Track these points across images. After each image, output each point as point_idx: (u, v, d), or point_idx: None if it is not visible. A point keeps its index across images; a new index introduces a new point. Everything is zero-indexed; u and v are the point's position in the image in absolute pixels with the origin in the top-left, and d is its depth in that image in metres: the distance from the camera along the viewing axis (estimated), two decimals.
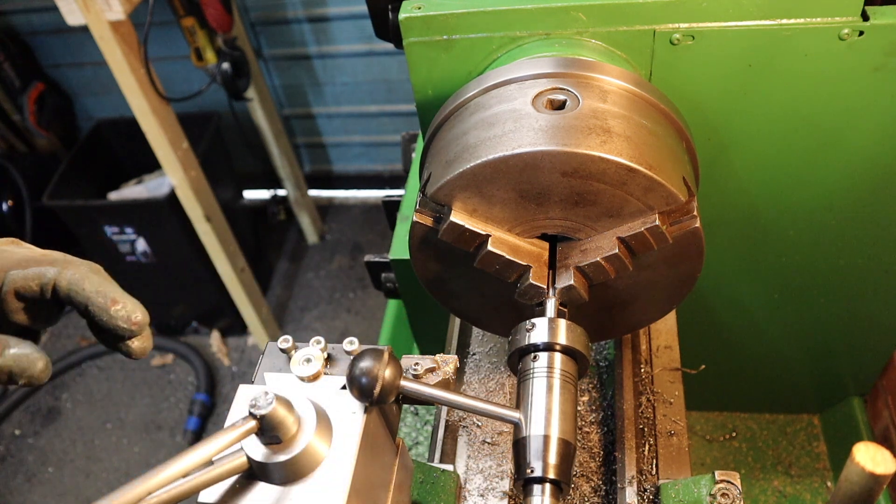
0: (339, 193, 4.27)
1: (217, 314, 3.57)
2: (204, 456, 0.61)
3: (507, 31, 1.01)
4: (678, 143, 0.93)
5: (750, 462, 1.74)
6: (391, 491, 0.79)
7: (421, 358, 0.83)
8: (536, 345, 0.82)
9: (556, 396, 0.79)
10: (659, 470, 0.99)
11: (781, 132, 1.09)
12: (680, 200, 0.82)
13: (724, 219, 1.26)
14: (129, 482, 0.57)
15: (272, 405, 0.62)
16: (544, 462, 0.75)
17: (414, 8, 1.01)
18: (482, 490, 0.99)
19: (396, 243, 1.43)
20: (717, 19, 0.97)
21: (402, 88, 3.64)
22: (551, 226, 0.88)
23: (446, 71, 1.06)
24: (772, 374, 1.67)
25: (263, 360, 0.80)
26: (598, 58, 0.97)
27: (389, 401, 0.70)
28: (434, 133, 0.98)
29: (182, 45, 3.01)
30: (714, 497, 0.85)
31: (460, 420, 1.08)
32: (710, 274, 1.39)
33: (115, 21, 2.28)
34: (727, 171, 1.17)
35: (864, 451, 0.65)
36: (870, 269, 1.32)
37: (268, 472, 0.65)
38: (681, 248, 0.87)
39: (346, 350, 0.77)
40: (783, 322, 1.49)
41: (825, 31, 0.96)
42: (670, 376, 1.11)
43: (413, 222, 0.90)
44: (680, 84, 1.03)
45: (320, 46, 3.54)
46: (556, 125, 0.82)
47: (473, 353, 1.20)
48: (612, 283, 0.91)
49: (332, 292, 3.78)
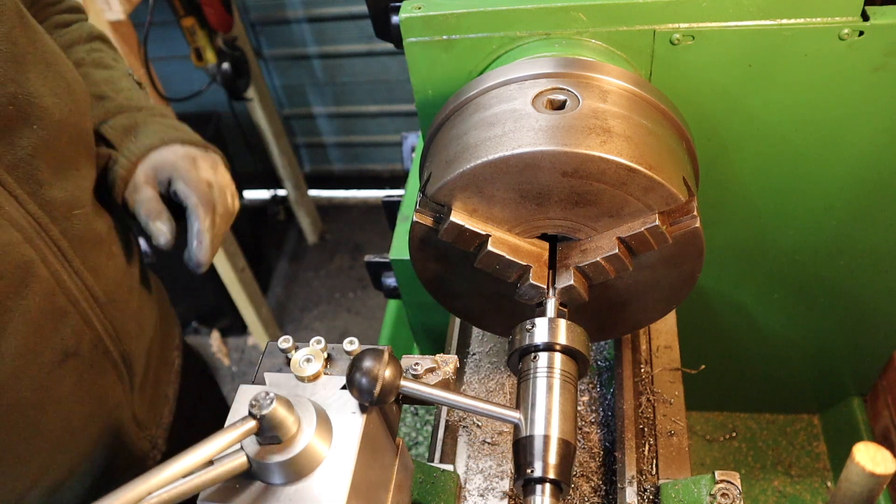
0: (339, 193, 4.27)
1: (217, 314, 3.57)
2: (204, 456, 0.61)
3: (507, 31, 1.01)
4: (678, 143, 0.93)
5: (750, 462, 1.74)
6: (391, 491, 0.79)
7: (421, 358, 0.83)
8: (536, 345, 0.82)
9: (556, 396, 0.79)
10: (659, 470, 0.99)
11: (781, 132, 1.09)
12: (680, 200, 0.82)
13: (724, 219, 1.26)
14: (129, 482, 0.57)
15: (272, 405, 0.62)
16: (544, 462, 0.75)
17: (414, 8, 1.01)
18: (482, 490, 0.99)
19: (396, 243, 1.43)
20: (717, 19, 0.97)
21: (402, 88, 3.64)
22: (551, 226, 0.88)
23: (446, 71, 1.06)
24: (772, 374, 1.67)
25: (263, 360, 0.80)
26: (598, 58, 0.97)
27: (389, 401, 0.70)
28: (434, 133, 0.98)
29: (182, 45, 3.01)
30: (714, 497, 0.85)
31: (460, 420, 1.08)
32: (710, 274, 1.39)
33: (114, 21, 2.28)
34: (727, 171, 1.17)
35: (864, 451, 0.65)
36: (870, 270, 1.32)
37: (268, 472, 0.65)
38: (681, 248, 0.87)
39: (346, 350, 0.77)
40: (783, 322, 1.49)
41: (825, 31, 0.96)
42: (670, 376, 1.11)
43: (413, 222, 0.90)
44: (680, 84, 1.03)
45: (320, 46, 3.54)
46: (556, 125, 0.82)
47: (473, 353, 1.20)
48: (612, 283, 0.91)
49: (332, 292, 3.78)
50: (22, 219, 0.90)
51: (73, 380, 1.00)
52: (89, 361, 1.03)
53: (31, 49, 0.93)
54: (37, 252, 0.92)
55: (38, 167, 0.93)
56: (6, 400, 0.91)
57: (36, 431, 0.96)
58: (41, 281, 0.93)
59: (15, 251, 0.89)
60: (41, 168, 0.93)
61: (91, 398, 1.05)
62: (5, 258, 0.87)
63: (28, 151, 0.91)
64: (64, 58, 1.01)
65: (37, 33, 0.95)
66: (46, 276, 0.94)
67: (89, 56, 1.19)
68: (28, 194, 0.92)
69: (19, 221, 0.90)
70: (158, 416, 1.25)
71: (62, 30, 1.20)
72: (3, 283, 0.87)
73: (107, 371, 1.07)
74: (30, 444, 0.96)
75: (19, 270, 0.89)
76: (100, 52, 1.22)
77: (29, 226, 0.91)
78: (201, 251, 1.07)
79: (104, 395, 1.08)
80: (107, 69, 1.19)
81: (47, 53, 0.96)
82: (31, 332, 0.92)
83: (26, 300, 0.91)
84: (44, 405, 0.96)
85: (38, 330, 0.93)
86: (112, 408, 1.10)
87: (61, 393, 0.98)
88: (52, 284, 0.95)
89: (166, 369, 1.31)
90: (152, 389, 1.23)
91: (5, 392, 0.90)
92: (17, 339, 0.90)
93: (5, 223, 0.88)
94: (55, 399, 0.98)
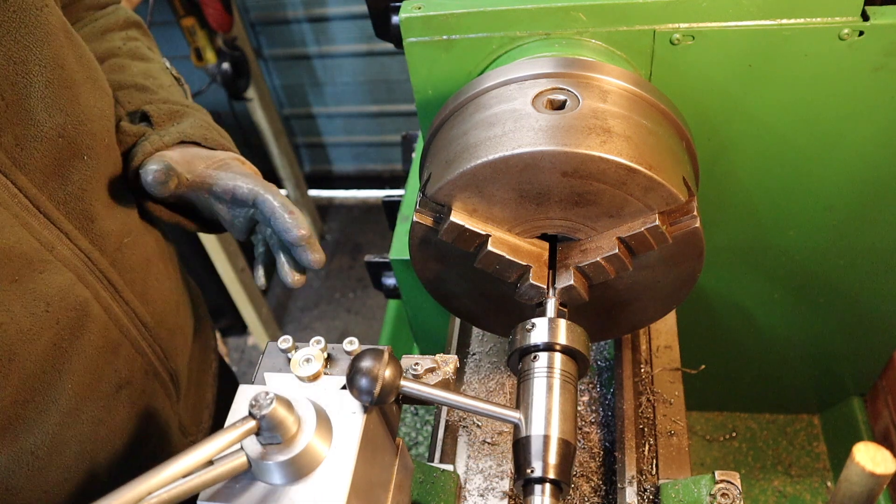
0: (339, 193, 4.27)
1: (217, 314, 3.57)
2: (204, 456, 0.61)
3: (507, 31, 1.01)
4: (678, 143, 0.93)
5: (750, 462, 1.74)
6: (391, 491, 0.79)
7: (421, 358, 0.83)
8: (536, 345, 0.82)
9: (556, 396, 0.79)
10: (659, 470, 0.99)
11: (781, 132, 1.09)
12: (680, 200, 0.82)
13: (724, 219, 1.26)
14: (130, 482, 0.57)
15: (272, 405, 0.62)
16: (544, 462, 0.75)
17: (414, 8, 1.01)
18: (482, 490, 0.99)
19: (396, 243, 1.43)
20: (717, 19, 0.97)
21: (402, 88, 3.64)
22: (551, 226, 0.88)
23: (446, 71, 1.06)
24: (772, 374, 1.67)
25: (263, 360, 0.80)
26: (598, 58, 0.97)
27: (389, 401, 0.70)
28: (434, 133, 0.98)
29: (182, 45, 3.01)
30: (714, 497, 0.85)
31: (460, 420, 1.08)
32: (710, 274, 1.39)
33: None
34: (727, 171, 1.17)
35: (864, 451, 0.65)
36: (870, 270, 1.32)
37: (268, 472, 0.65)
38: (681, 248, 0.87)
39: (346, 350, 0.77)
40: (783, 322, 1.49)
41: (825, 31, 0.96)
42: (670, 376, 1.11)
43: (413, 222, 0.90)
44: (680, 84, 1.03)
45: (320, 46, 3.54)
46: (556, 125, 0.82)
47: (473, 353, 1.20)
48: (612, 283, 0.91)
49: (332, 292, 3.78)
50: (74, 257, 0.86)
51: (127, 408, 0.99)
52: (141, 387, 1.01)
53: (79, 68, 0.88)
54: (90, 290, 0.89)
55: (89, 200, 0.89)
56: (64, 437, 0.89)
57: (93, 463, 0.95)
58: (95, 319, 0.90)
59: (70, 294, 0.86)
60: (92, 201, 0.90)
61: (143, 421, 1.03)
62: (62, 303, 0.84)
63: (80, 185, 0.87)
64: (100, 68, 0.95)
65: (80, 47, 0.90)
66: (100, 313, 0.91)
67: (125, 45, 1.11)
68: (79, 230, 0.88)
69: (71, 261, 0.86)
70: (199, 420, 1.23)
71: (95, 13, 1.12)
72: (59, 327, 0.84)
73: (156, 392, 1.06)
74: (87, 476, 0.95)
75: (75, 312, 0.86)
76: (136, 40, 1.14)
77: (81, 263, 0.88)
78: (298, 221, 0.91)
79: (154, 414, 1.06)
80: (144, 61, 1.12)
81: (92, 69, 0.91)
82: (87, 370, 0.89)
83: (82, 340, 0.88)
84: (101, 437, 0.95)
85: (94, 367, 0.91)
86: (162, 424, 1.08)
87: (116, 423, 0.97)
88: (106, 320, 0.92)
89: (206, 374, 1.29)
90: (195, 397, 1.22)
91: (63, 430, 0.88)
92: (74, 379, 0.88)
93: (59, 265, 0.84)
94: (111, 430, 0.96)
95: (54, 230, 0.84)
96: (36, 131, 0.80)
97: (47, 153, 0.82)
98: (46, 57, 0.80)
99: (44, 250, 0.82)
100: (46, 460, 0.87)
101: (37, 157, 0.81)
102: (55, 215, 0.85)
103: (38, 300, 0.81)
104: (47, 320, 0.82)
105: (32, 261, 0.81)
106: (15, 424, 0.82)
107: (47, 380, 0.84)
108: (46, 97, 0.81)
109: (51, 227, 0.84)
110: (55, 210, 0.85)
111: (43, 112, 0.81)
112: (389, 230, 1.52)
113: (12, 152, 0.78)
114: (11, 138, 0.78)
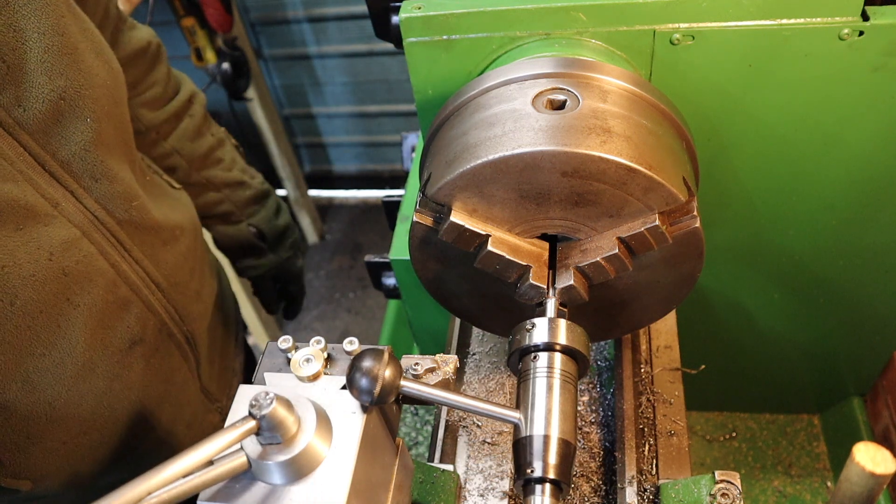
0: (339, 193, 4.27)
1: None
2: (204, 456, 0.61)
3: (507, 31, 1.01)
4: (678, 143, 0.93)
5: (750, 462, 1.74)
6: (391, 491, 0.79)
7: (421, 358, 0.83)
8: (536, 345, 0.82)
9: (556, 396, 0.79)
10: (659, 470, 0.99)
11: (781, 132, 1.09)
12: (680, 200, 0.82)
13: (724, 219, 1.26)
14: (130, 482, 0.57)
15: (272, 405, 0.62)
16: (544, 462, 0.75)
17: (414, 8, 1.01)
18: (482, 490, 0.99)
19: (396, 243, 1.43)
20: (717, 19, 0.97)
21: (402, 88, 3.64)
22: (551, 226, 0.88)
23: (446, 71, 1.06)
24: (772, 374, 1.67)
25: (263, 360, 0.80)
26: (598, 58, 0.97)
27: (389, 401, 0.70)
28: (434, 133, 0.98)
29: (182, 45, 3.02)
30: (714, 497, 0.85)
31: (460, 420, 1.08)
32: (710, 274, 1.39)
33: None
34: (727, 171, 1.17)
35: (864, 451, 0.65)
36: (870, 269, 1.32)
37: (268, 472, 0.65)
38: (681, 248, 0.87)
39: (346, 350, 0.77)
40: (783, 322, 1.49)
41: (825, 31, 0.96)
42: (670, 376, 1.11)
43: (413, 222, 0.90)
44: (680, 84, 1.03)
45: (320, 46, 3.54)
46: (556, 125, 0.82)
47: (473, 353, 1.20)
48: (612, 283, 0.91)
49: (332, 292, 3.78)
50: (79, 214, 0.93)
51: (142, 365, 1.04)
52: (155, 346, 1.07)
53: (82, 37, 0.94)
54: (96, 246, 0.95)
55: (93, 162, 0.95)
56: (80, 390, 0.95)
57: (111, 418, 1.01)
58: (103, 273, 0.96)
59: (74, 247, 0.91)
60: (95, 162, 0.95)
61: (159, 380, 1.09)
62: (67, 255, 0.90)
63: (83, 146, 0.93)
64: (108, 46, 1.02)
65: (85, 21, 0.96)
66: (107, 269, 0.97)
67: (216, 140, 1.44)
68: (84, 189, 0.94)
69: (77, 217, 0.92)
70: (228, 387, 1.30)
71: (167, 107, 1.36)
72: (67, 279, 0.90)
73: (172, 353, 1.12)
74: (105, 430, 1.01)
75: (81, 265, 0.92)
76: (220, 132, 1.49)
77: (87, 221, 0.94)
78: None
79: (171, 375, 1.12)
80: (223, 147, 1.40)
81: (96, 42, 0.97)
82: (97, 323, 0.95)
83: (91, 294, 0.94)
84: (116, 392, 1.01)
85: (105, 321, 0.96)
86: (180, 385, 1.15)
87: (131, 379, 1.03)
88: (114, 275, 0.98)
89: (230, 343, 1.37)
90: (220, 363, 1.29)
91: (79, 383, 0.94)
92: (85, 332, 0.93)
93: (63, 220, 0.90)
94: (126, 385, 1.02)
95: (59, 188, 0.90)
96: (37, 92, 0.86)
97: (49, 114, 0.88)
98: (45, 25, 0.87)
99: (48, 206, 0.89)
100: (63, 411, 0.93)
101: (38, 118, 0.87)
102: (59, 173, 0.91)
103: (41, 249, 0.87)
104: (51, 269, 0.88)
105: (38, 214, 0.87)
106: (32, 376, 0.88)
107: (57, 330, 0.90)
108: (46, 61, 0.87)
109: (55, 184, 0.90)
110: (59, 168, 0.91)
111: (42, 75, 0.86)
112: (389, 230, 1.52)
113: (14, 111, 0.84)
114: (13, 98, 0.84)
